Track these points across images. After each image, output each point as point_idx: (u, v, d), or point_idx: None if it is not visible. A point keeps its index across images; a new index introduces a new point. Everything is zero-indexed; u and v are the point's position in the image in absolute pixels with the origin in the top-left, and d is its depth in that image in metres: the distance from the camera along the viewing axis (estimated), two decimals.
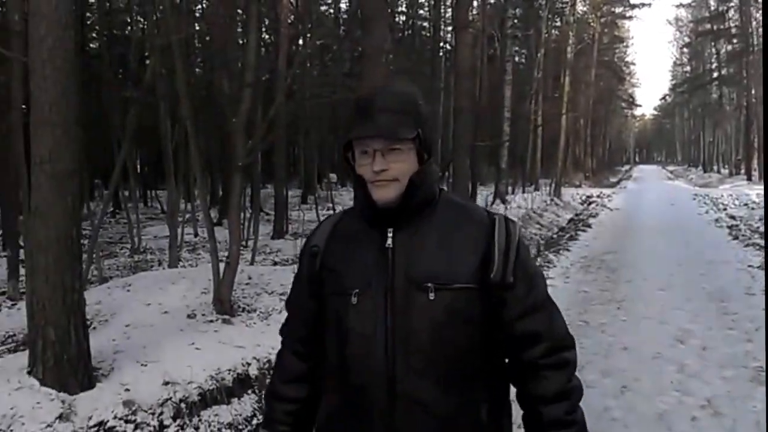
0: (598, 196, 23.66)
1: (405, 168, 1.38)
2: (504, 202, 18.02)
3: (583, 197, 23.09)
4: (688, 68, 53.62)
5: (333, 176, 25.20)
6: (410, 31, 24.81)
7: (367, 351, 1.37)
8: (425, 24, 26.54)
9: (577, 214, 17.84)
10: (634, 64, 54.90)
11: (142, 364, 4.11)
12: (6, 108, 6.86)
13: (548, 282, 1.58)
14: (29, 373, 3.75)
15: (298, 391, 1.55)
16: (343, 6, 23.97)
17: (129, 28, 18.11)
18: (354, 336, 1.39)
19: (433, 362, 1.36)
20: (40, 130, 3.72)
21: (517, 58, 25.89)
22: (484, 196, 18.90)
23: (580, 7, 28.18)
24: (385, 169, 1.36)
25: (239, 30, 12.20)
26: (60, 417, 3.44)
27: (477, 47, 18.07)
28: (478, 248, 1.40)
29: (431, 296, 1.35)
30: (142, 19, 16.49)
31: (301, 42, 15.46)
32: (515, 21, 21.95)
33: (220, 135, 13.81)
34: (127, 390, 3.78)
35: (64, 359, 3.72)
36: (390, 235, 1.40)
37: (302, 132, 20.51)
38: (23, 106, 6.34)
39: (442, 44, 21.83)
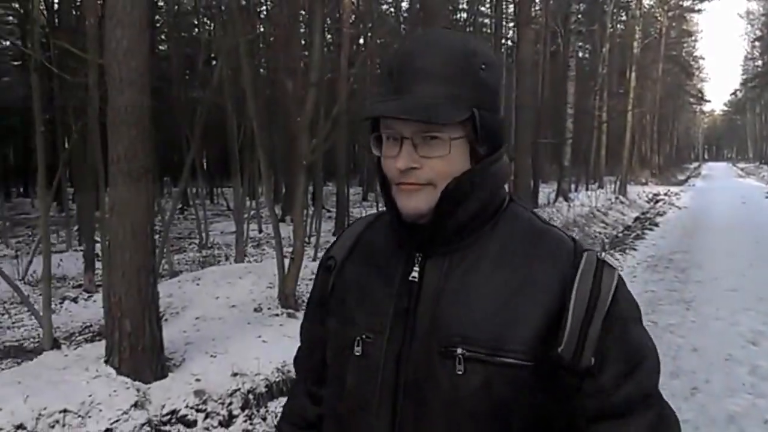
0: (665, 194, 22.94)
1: (444, 168, 0.93)
2: (567, 200, 17.65)
3: (650, 195, 22.43)
4: (759, 62, 51.31)
5: None
6: (471, 28, 24.58)
7: (366, 421, 0.98)
8: (486, 21, 26.26)
9: (643, 213, 17.34)
10: (703, 58, 53.16)
11: (211, 356, 4.24)
12: (83, 109, 7.17)
13: None
14: (106, 362, 3.91)
15: None
16: (404, 5, 23.97)
17: (196, 30, 18.64)
18: (352, 397, 1.00)
19: None
20: (116, 130, 3.87)
21: (580, 54, 25.28)
22: (546, 193, 18.59)
23: (646, 1, 27.33)
24: (414, 167, 0.92)
25: (302, 30, 12.39)
26: (135, 405, 3.58)
27: (539, 43, 17.79)
28: (548, 301, 0.92)
29: (459, 369, 0.90)
30: (208, 21, 16.95)
31: (362, 41, 15.59)
32: (579, 16, 21.41)
33: (285, 134, 14.06)
34: (198, 380, 3.90)
35: (139, 349, 3.86)
36: (417, 262, 0.98)
37: (363, 130, 20.65)
38: (99, 107, 6.61)
39: (503, 41, 21.56)
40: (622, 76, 26.04)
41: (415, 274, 0.97)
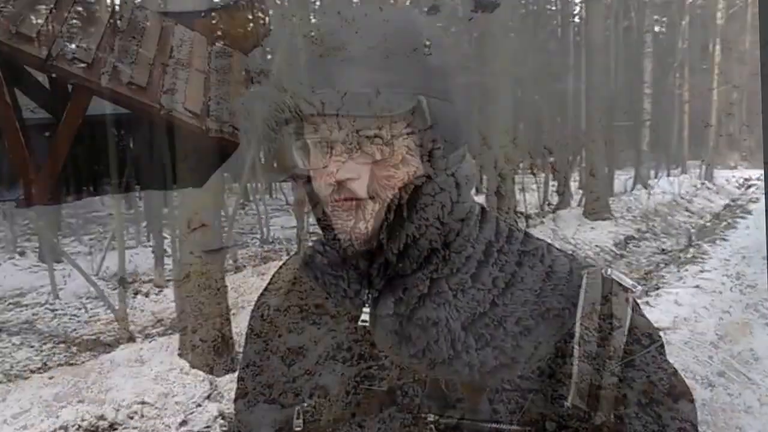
0: (758, 179, 21.60)
1: (390, 175, 0.72)
2: (646, 187, 16.83)
3: (740, 180, 21.12)
4: None
5: None
6: (535, 6, 23.85)
7: None
8: None
9: (733, 200, 16.39)
10: None
11: None
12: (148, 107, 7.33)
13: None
14: (180, 355, 3.99)
15: None
16: None
17: (251, 24, 18.90)
18: None
19: None
20: (180, 129, 3.88)
21: (657, 28, 24.13)
22: (622, 180, 17.80)
23: None
24: (351, 178, 0.71)
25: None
26: (208, 397, 3.62)
27: (610, 18, 17.01)
28: (543, 337, 0.70)
29: None
30: (262, 15, 17.14)
31: None
32: None
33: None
34: None
35: (210, 343, 3.94)
36: (367, 302, 0.75)
37: None
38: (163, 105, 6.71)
39: (570, 18, 20.76)
40: (705, 50, 24.68)
41: (365, 317, 0.74)
